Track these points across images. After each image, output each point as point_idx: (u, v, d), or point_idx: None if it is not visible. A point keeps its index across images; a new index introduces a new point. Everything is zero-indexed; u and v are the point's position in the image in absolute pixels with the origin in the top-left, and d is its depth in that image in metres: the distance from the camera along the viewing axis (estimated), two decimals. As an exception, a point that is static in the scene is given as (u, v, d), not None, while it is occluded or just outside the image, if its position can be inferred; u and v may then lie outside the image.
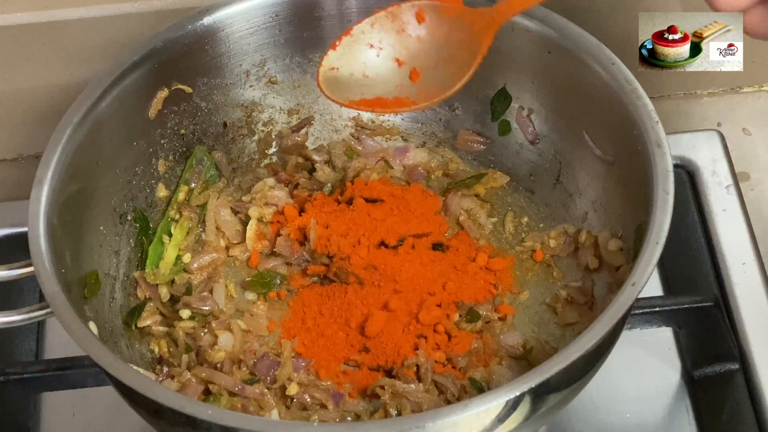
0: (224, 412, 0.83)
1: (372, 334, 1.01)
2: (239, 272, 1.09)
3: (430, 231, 1.08)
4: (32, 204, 0.92)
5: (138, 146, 1.06)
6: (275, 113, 1.14)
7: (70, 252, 0.95)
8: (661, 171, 0.91)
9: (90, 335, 0.87)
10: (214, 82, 1.09)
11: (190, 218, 1.09)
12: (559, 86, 1.06)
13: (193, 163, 1.10)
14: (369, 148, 1.15)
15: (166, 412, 0.82)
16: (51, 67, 1.15)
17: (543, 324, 1.03)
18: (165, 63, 1.04)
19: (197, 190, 1.10)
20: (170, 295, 1.05)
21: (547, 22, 1.03)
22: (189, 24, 1.05)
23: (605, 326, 0.84)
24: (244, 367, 0.99)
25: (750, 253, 1.10)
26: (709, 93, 1.28)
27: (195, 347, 1.01)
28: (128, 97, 1.02)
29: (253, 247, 1.09)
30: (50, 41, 1.13)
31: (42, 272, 0.89)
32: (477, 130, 1.13)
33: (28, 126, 1.20)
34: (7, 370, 1.02)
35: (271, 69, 1.11)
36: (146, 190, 1.08)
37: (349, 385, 1.00)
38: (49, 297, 0.88)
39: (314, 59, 1.12)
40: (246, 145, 1.14)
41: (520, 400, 0.81)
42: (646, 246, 0.87)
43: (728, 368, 1.04)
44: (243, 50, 1.09)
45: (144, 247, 1.06)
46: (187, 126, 1.10)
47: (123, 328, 1.02)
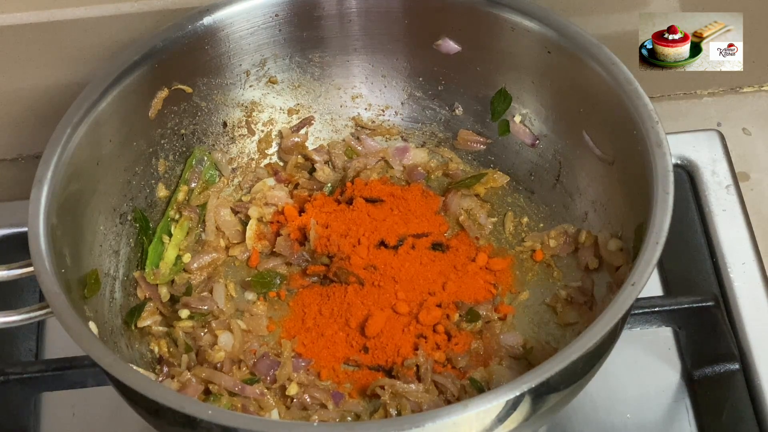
0: (224, 412, 0.83)
1: (372, 334, 1.01)
2: (239, 272, 1.09)
3: (430, 231, 1.08)
4: (32, 204, 0.92)
5: (138, 146, 1.06)
6: (275, 113, 1.14)
7: (70, 252, 0.95)
8: (661, 171, 0.91)
9: (90, 335, 0.87)
10: (214, 82, 1.09)
11: (190, 218, 1.09)
12: (559, 86, 1.06)
13: (192, 163, 1.10)
14: (369, 148, 1.15)
15: (166, 412, 0.82)
16: (51, 67, 1.15)
17: (543, 324, 1.03)
18: (165, 63, 1.04)
19: (197, 190, 1.10)
20: (170, 295, 1.05)
21: (547, 22, 1.03)
22: (189, 24, 1.05)
23: (605, 326, 0.84)
24: (244, 367, 0.99)
25: (750, 253, 1.10)
26: (709, 93, 1.28)
27: (195, 347, 1.01)
28: (128, 97, 1.02)
29: (253, 247, 1.09)
30: (50, 41, 1.13)
31: (42, 272, 0.89)
32: (477, 130, 1.13)
33: (28, 126, 1.20)
34: (7, 370, 1.02)
35: (271, 69, 1.11)
36: (146, 190, 1.08)
37: (349, 385, 1.00)
38: (48, 297, 0.88)
39: (314, 59, 1.12)
40: (246, 145, 1.14)
41: (520, 400, 0.81)
42: (646, 246, 0.87)
43: (728, 368, 1.03)
44: (243, 50, 1.09)
45: (144, 247, 1.06)
46: (187, 126, 1.10)
47: (123, 328, 1.02)
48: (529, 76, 1.08)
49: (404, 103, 1.15)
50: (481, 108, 1.12)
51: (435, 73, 1.12)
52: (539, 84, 1.08)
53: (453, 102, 1.14)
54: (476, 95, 1.11)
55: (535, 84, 1.08)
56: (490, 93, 1.11)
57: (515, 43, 1.05)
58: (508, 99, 1.10)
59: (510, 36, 1.04)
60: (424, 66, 1.12)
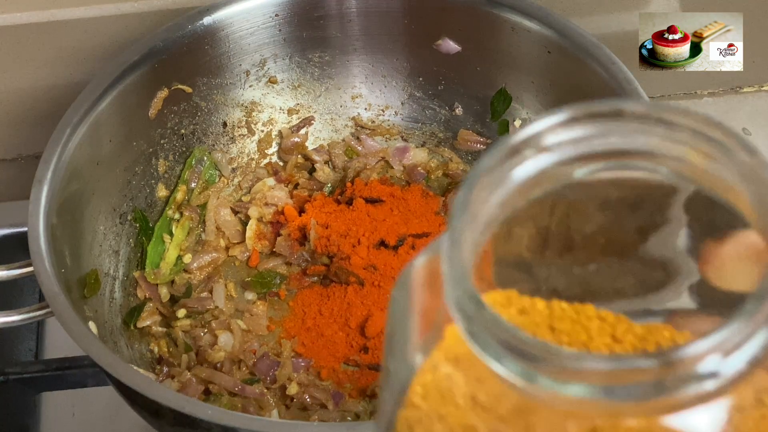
0: (224, 412, 0.83)
1: (372, 335, 1.01)
2: (239, 272, 1.09)
3: (430, 231, 1.08)
4: (32, 204, 0.92)
5: (138, 146, 1.06)
6: (275, 113, 1.14)
7: (70, 252, 0.95)
8: (661, 171, 0.91)
9: (90, 335, 0.87)
10: (214, 81, 1.09)
11: (190, 218, 1.09)
12: (559, 86, 1.06)
13: (192, 163, 1.10)
14: (369, 148, 1.15)
15: (166, 412, 0.82)
16: (50, 67, 1.15)
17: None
18: (165, 63, 1.04)
19: (197, 190, 1.10)
20: (170, 296, 1.05)
21: (547, 22, 1.03)
22: (189, 24, 1.05)
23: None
24: (244, 367, 0.99)
25: (750, 253, 1.10)
26: (709, 93, 1.28)
27: (195, 347, 1.01)
28: (128, 97, 1.02)
29: (253, 247, 1.09)
30: (50, 41, 1.13)
31: (41, 272, 0.89)
32: (477, 130, 1.13)
33: (28, 126, 1.20)
34: (7, 370, 1.02)
35: (271, 69, 1.11)
36: (146, 190, 1.08)
37: (349, 385, 1.00)
38: (48, 297, 0.88)
39: (314, 59, 1.12)
40: (246, 145, 1.14)
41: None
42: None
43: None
44: (243, 50, 1.09)
45: (144, 246, 1.06)
46: (187, 126, 1.09)
47: (122, 328, 1.02)
48: (529, 76, 1.08)
49: (404, 103, 1.15)
50: (481, 108, 1.12)
51: (435, 73, 1.12)
52: (539, 84, 1.08)
53: (453, 102, 1.14)
54: (476, 95, 1.11)
55: (535, 84, 1.08)
56: (490, 93, 1.11)
57: (515, 43, 1.05)
58: (508, 99, 1.10)
59: (510, 36, 1.04)
60: (424, 66, 1.12)
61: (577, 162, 0.40)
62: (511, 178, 0.40)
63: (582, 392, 0.33)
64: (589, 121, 0.39)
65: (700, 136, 0.38)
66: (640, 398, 0.34)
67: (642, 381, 0.34)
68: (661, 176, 0.40)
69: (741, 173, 0.37)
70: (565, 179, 0.40)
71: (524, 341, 0.34)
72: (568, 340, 0.38)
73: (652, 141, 0.39)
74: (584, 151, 0.40)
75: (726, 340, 0.34)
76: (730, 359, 0.35)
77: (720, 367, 0.34)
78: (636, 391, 0.34)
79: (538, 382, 0.34)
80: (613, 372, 0.33)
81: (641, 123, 0.39)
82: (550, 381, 0.34)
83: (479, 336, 0.35)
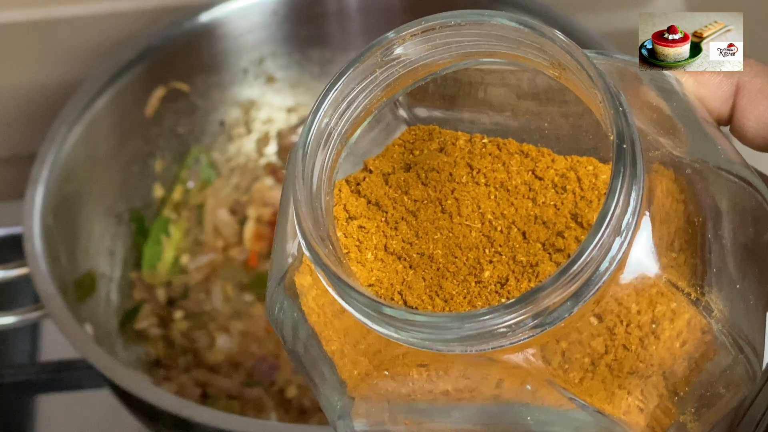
0: (222, 415, 0.82)
1: (370, 336, 1.00)
2: (237, 273, 1.08)
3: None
4: (27, 204, 0.92)
5: (134, 145, 1.06)
6: (273, 112, 1.14)
7: (66, 252, 0.95)
8: (664, 170, 0.91)
9: (86, 337, 0.87)
10: (211, 80, 1.09)
11: (188, 219, 1.08)
12: (559, 86, 1.05)
13: (190, 163, 1.10)
14: (368, 148, 1.14)
15: (162, 415, 0.82)
16: (46, 66, 1.14)
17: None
18: (161, 61, 1.04)
19: (194, 190, 1.10)
20: (167, 297, 1.05)
21: (547, 21, 1.03)
22: (186, 22, 1.05)
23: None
24: (242, 370, 0.99)
25: (752, 254, 1.10)
26: (709, 93, 1.27)
27: (192, 349, 1.01)
28: (124, 96, 1.02)
29: (251, 247, 1.09)
30: (45, 39, 1.12)
31: (37, 273, 0.88)
32: (477, 129, 1.13)
33: (23, 125, 1.19)
34: (2, 373, 1.02)
35: (270, 67, 1.11)
36: (142, 190, 1.07)
37: (348, 386, 0.99)
38: (44, 298, 0.87)
39: (312, 57, 1.12)
40: (244, 144, 1.14)
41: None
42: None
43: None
44: (241, 48, 1.08)
45: (140, 247, 1.05)
46: (184, 125, 1.09)
47: (119, 329, 1.01)
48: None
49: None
50: (481, 107, 1.12)
51: (435, 72, 1.12)
52: (540, 83, 1.07)
53: (453, 101, 1.13)
54: (476, 94, 1.11)
55: (536, 83, 1.07)
56: (490, 92, 1.10)
57: (516, 41, 1.05)
58: (509, 98, 1.10)
59: (511, 34, 1.04)
60: (423, 65, 1.12)
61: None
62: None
63: (410, 340, 0.37)
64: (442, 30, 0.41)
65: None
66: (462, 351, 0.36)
67: (457, 341, 0.36)
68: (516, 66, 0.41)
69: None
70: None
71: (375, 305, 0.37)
72: (485, 180, 0.40)
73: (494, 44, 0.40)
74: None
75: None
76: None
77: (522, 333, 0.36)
78: (456, 348, 0.36)
79: (379, 329, 0.37)
80: (433, 334, 0.36)
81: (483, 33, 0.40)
82: (387, 330, 0.37)
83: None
